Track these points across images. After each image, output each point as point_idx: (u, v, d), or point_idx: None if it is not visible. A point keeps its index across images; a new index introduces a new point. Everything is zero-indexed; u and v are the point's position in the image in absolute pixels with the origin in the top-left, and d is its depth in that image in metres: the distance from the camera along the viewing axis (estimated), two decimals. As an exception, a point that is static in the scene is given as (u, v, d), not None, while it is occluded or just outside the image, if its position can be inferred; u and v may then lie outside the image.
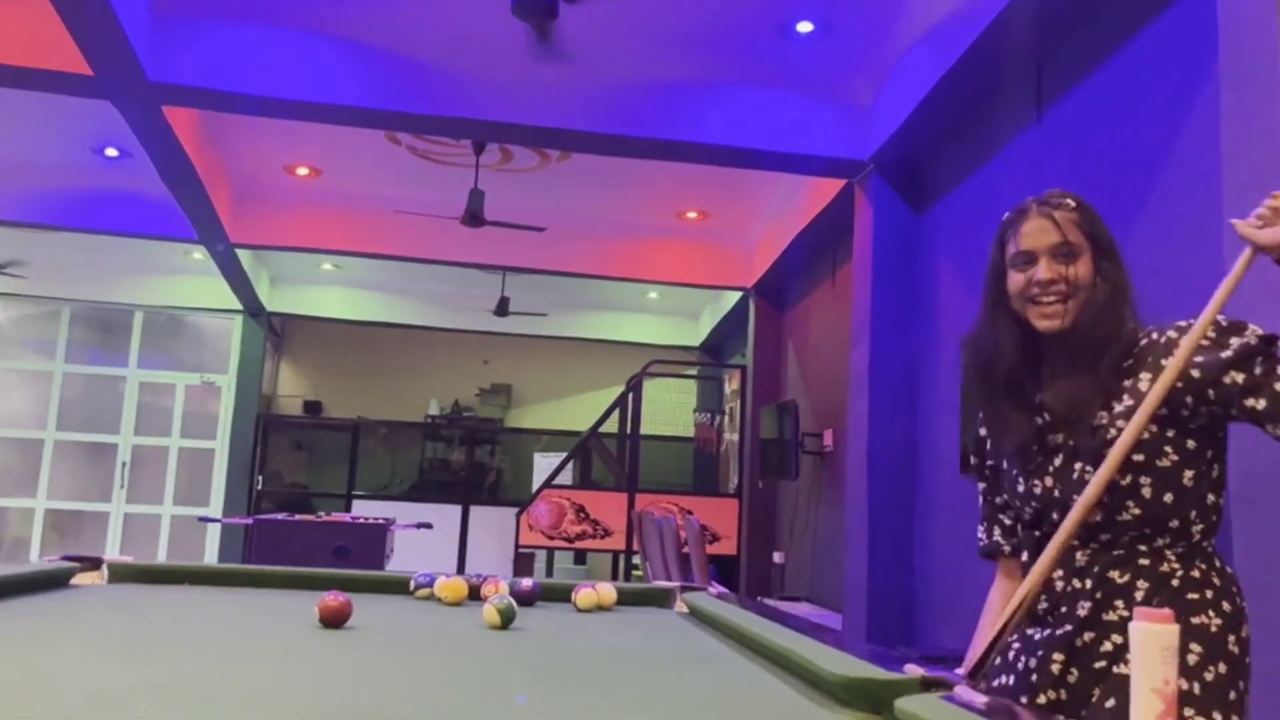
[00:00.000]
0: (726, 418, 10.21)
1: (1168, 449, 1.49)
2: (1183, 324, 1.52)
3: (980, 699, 0.96)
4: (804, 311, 8.12)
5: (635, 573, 8.65)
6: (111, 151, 7.18)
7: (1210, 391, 1.44)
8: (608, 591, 1.98)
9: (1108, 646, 1.46)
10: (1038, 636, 1.54)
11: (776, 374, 8.74)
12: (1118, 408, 1.52)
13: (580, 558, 10.95)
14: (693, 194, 7.82)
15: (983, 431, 1.73)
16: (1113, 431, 1.48)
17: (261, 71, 5.21)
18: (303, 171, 7.70)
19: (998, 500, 1.72)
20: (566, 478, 9.31)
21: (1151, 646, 0.73)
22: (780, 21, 5.03)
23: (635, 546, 8.25)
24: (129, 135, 5.93)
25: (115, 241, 8.73)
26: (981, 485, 1.75)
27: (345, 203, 8.34)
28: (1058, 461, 1.57)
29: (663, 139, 5.58)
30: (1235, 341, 1.45)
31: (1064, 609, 1.51)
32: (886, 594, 5.33)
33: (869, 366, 5.54)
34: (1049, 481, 1.57)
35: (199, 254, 9.07)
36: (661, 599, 2.08)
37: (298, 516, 6.25)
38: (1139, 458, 1.48)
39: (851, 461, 5.73)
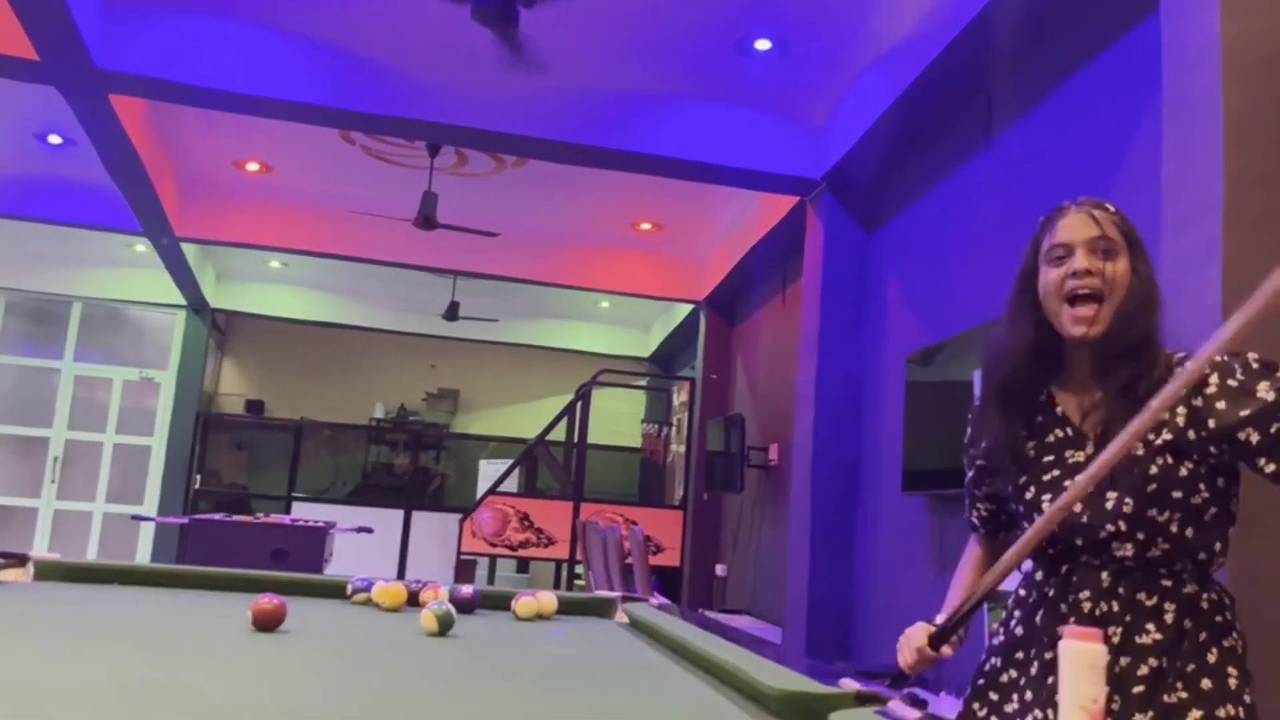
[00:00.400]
0: (674, 429, 10.24)
1: (1201, 486, 1.46)
2: (1217, 357, 1.44)
3: (913, 714, 0.96)
4: (754, 326, 8.17)
5: (578, 582, 8.62)
6: (55, 139, 7.02)
7: (1225, 445, 1.43)
8: (548, 600, 1.97)
9: (1144, 670, 1.42)
10: None
11: (725, 387, 8.78)
12: (1155, 439, 1.46)
13: (523, 566, 10.88)
14: (647, 205, 7.84)
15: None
16: (1154, 468, 1.44)
17: (213, 64, 5.13)
18: (253, 167, 7.59)
19: (978, 491, 1.71)
20: (512, 485, 9.26)
21: (1080, 664, 0.74)
22: (738, 38, 5.07)
23: (579, 556, 8.22)
24: (73, 123, 5.81)
25: (55, 230, 8.52)
26: (969, 473, 1.72)
27: (295, 200, 8.24)
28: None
29: (619, 149, 5.59)
30: (1261, 390, 1.41)
31: None
32: (826, 609, 5.37)
33: (815, 383, 5.59)
34: (1077, 507, 1.49)
35: (142, 246, 8.89)
36: (603, 609, 2.07)
37: (235, 517, 6.14)
38: (1177, 495, 1.45)
39: (796, 476, 5.77)
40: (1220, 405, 1.43)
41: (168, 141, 6.97)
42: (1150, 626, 1.44)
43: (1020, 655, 1.57)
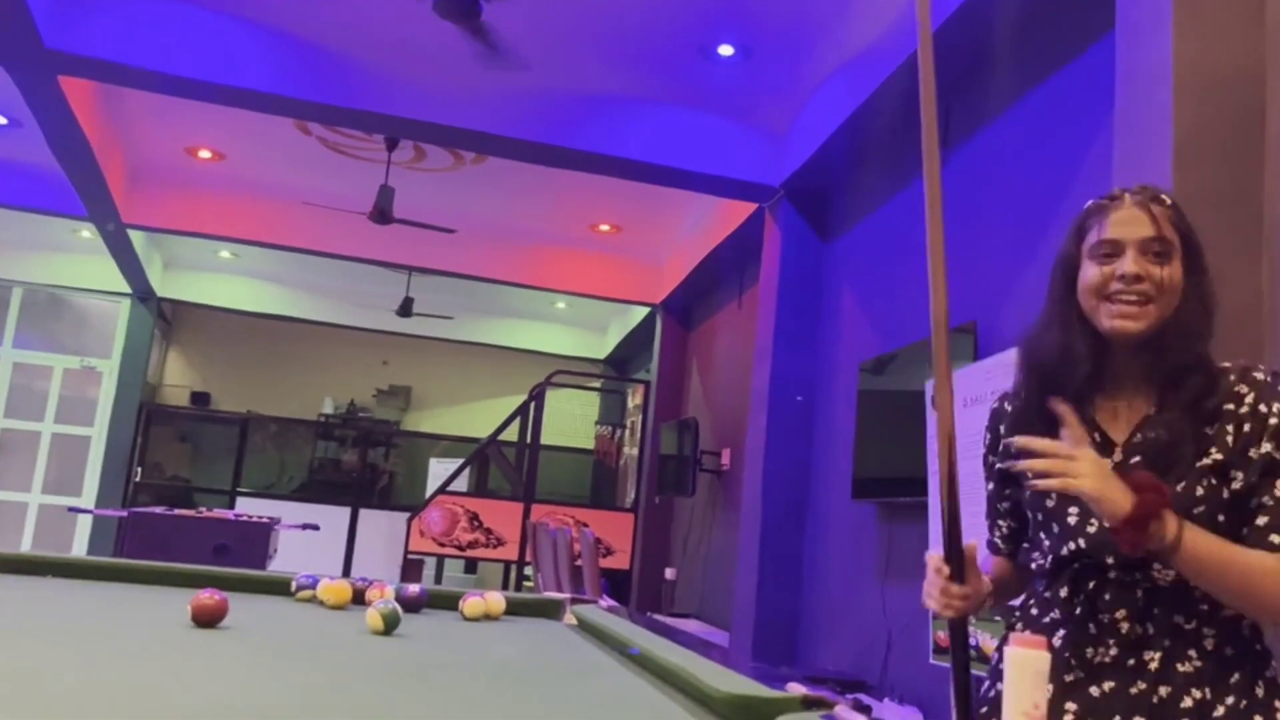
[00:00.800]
0: (627, 432, 10.23)
1: (1228, 500, 1.34)
2: (1260, 375, 1.37)
3: (858, 718, 0.97)
4: (710, 331, 8.20)
5: (527, 583, 8.58)
6: (-1, 119, 6.85)
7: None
8: (496, 601, 1.96)
9: (1188, 703, 1.31)
10: (1101, 694, 1.35)
11: (679, 391, 8.80)
12: (1205, 460, 1.34)
13: (471, 566, 10.81)
14: (606, 207, 7.84)
15: (1002, 429, 1.56)
16: (1200, 489, 1.33)
17: (167, 47, 5.05)
18: (205, 154, 7.46)
19: (1001, 505, 1.59)
20: (462, 484, 9.20)
21: (1025, 672, 0.75)
22: (701, 43, 5.09)
23: (528, 557, 8.18)
24: (20, 103, 5.67)
25: (-3, 213, 8.32)
26: (989, 485, 1.60)
27: (248, 189, 8.11)
28: None
29: (579, 149, 5.59)
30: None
31: (1132, 661, 1.34)
32: (773, 614, 5.40)
33: (769, 389, 5.62)
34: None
35: (87, 232, 8.71)
36: (551, 610, 2.06)
37: (176, 511, 6.02)
38: (1222, 518, 1.34)
39: (747, 482, 5.80)
40: (1245, 445, 1.34)
41: (117, 125, 6.83)
42: (1192, 653, 1.33)
43: None
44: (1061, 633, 1.40)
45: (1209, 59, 2.54)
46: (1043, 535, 1.46)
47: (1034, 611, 1.47)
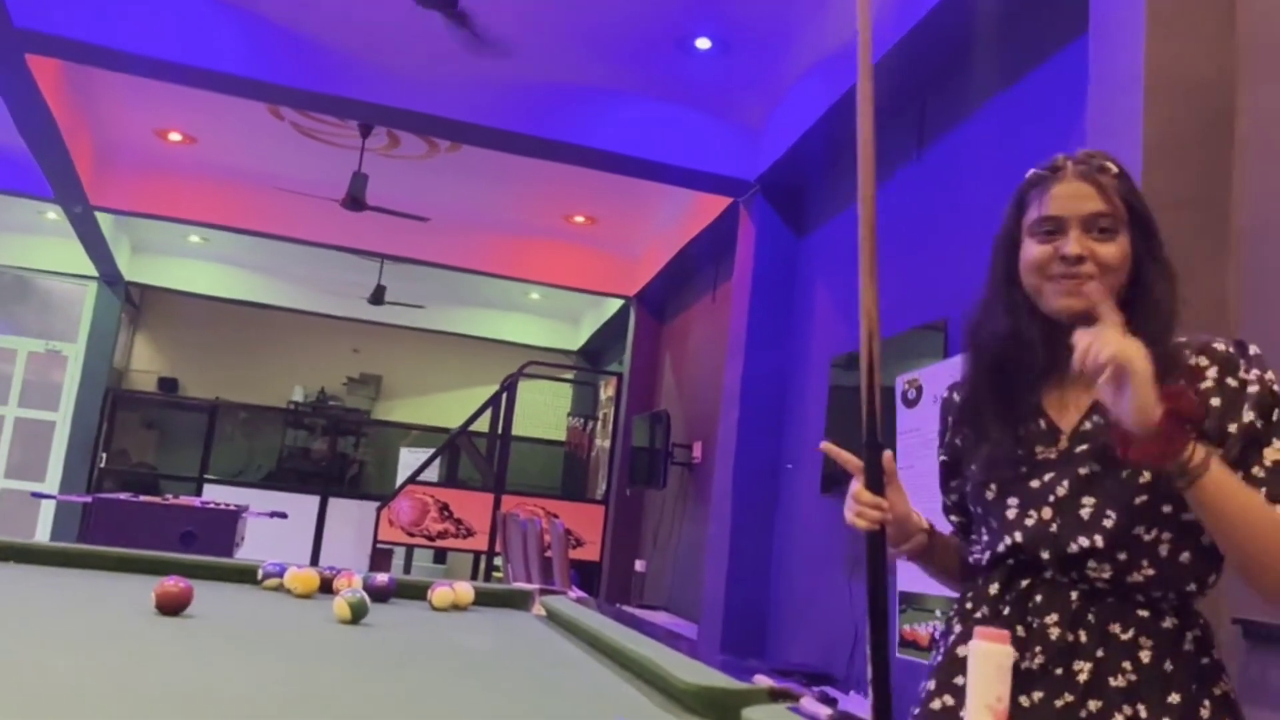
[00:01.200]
0: (599, 424, 10.23)
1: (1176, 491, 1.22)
2: (1221, 347, 1.28)
3: (824, 711, 0.98)
4: (683, 324, 8.21)
5: (496, 574, 8.57)
6: (-36, 96, 6.72)
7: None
8: (465, 591, 1.95)
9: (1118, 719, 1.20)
10: (1029, 704, 1.23)
11: (652, 384, 8.81)
12: None
13: (440, 557, 10.78)
14: (582, 198, 7.82)
15: (951, 420, 1.49)
16: (1145, 476, 1.22)
17: (137, 28, 4.98)
18: (175, 137, 7.37)
19: (949, 499, 1.51)
20: (432, 474, 9.16)
21: (988, 665, 0.76)
22: (679, 36, 5.09)
23: (498, 548, 8.17)
24: (-15, 81, 5.57)
25: (-40, 193, 8.17)
26: (940, 475, 1.52)
27: (219, 174, 8.02)
28: (1061, 491, 1.28)
29: (554, 139, 5.57)
30: (1271, 450, 1.23)
31: (1060, 670, 1.23)
32: (742, 607, 5.42)
33: (741, 383, 5.64)
34: (1047, 514, 1.28)
35: (54, 214, 8.57)
36: (519, 601, 2.06)
37: (142, 498, 5.96)
38: (1167, 509, 1.22)
39: (718, 475, 5.82)
40: (1220, 419, 1.23)
41: (86, 105, 6.73)
42: (1127, 665, 1.21)
43: (960, 680, 1.30)
44: None
45: (1180, 64, 2.57)
46: (982, 530, 1.37)
47: (968, 606, 1.36)
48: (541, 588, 2.14)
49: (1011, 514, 1.31)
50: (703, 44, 5.13)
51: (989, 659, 0.76)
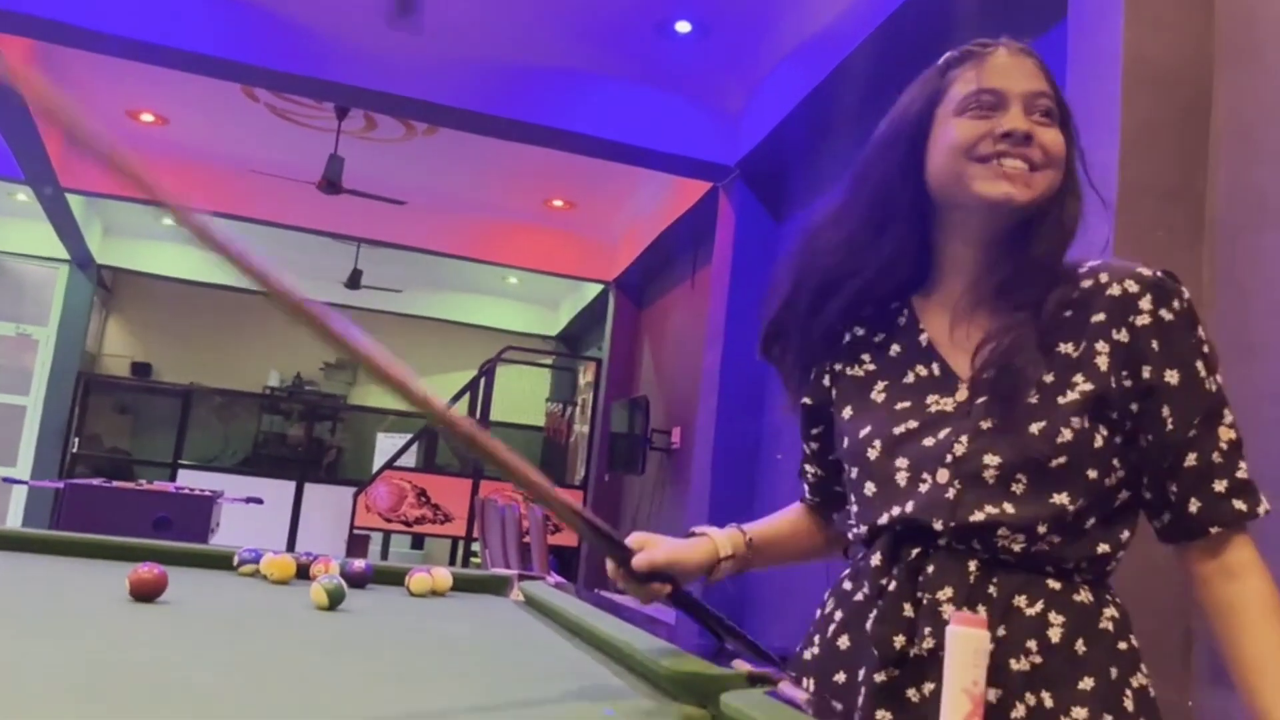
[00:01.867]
0: (578, 409, 10.23)
1: (1116, 462, 1.06)
2: (1148, 272, 1.09)
3: (801, 694, 0.98)
4: (662, 310, 8.21)
5: (474, 560, 8.57)
6: (-70, 75, 6.61)
7: (1147, 406, 1.06)
8: (442, 576, 1.95)
9: (1020, 711, 1.01)
10: (920, 698, 1.04)
11: (631, 369, 8.81)
12: (1067, 392, 1.05)
13: (418, 542, 10.77)
14: (560, 182, 7.80)
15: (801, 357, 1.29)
16: (1067, 434, 1.03)
17: (105, 5, 4.90)
18: (147, 118, 7.29)
19: (809, 446, 1.34)
20: (409, 460, 9.14)
21: (965, 649, 0.77)
22: (659, 19, 5.07)
23: (476, 534, 8.17)
24: (-49, 59, 5.47)
25: (-73, 174, 8.04)
26: (803, 419, 1.33)
27: (192, 155, 7.94)
28: (960, 450, 1.07)
29: (532, 122, 5.55)
30: (1206, 380, 1.07)
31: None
32: (720, 591, 5.44)
33: (720, 369, 5.66)
34: (943, 477, 1.06)
35: (24, 195, 8.46)
36: (498, 586, 2.06)
37: (115, 483, 5.91)
38: (1092, 474, 1.04)
39: (697, 460, 5.84)
40: (1157, 360, 1.05)
41: (55, 85, 6.61)
42: (1031, 645, 1.03)
43: (842, 677, 1.14)
44: (874, 615, 1.08)
45: (1158, 51, 2.59)
46: (860, 493, 1.15)
47: (847, 586, 1.19)
48: (520, 573, 2.14)
49: (902, 479, 1.09)
50: (682, 27, 5.12)
51: (966, 643, 0.77)
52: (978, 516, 1.04)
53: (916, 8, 3.89)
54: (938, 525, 1.05)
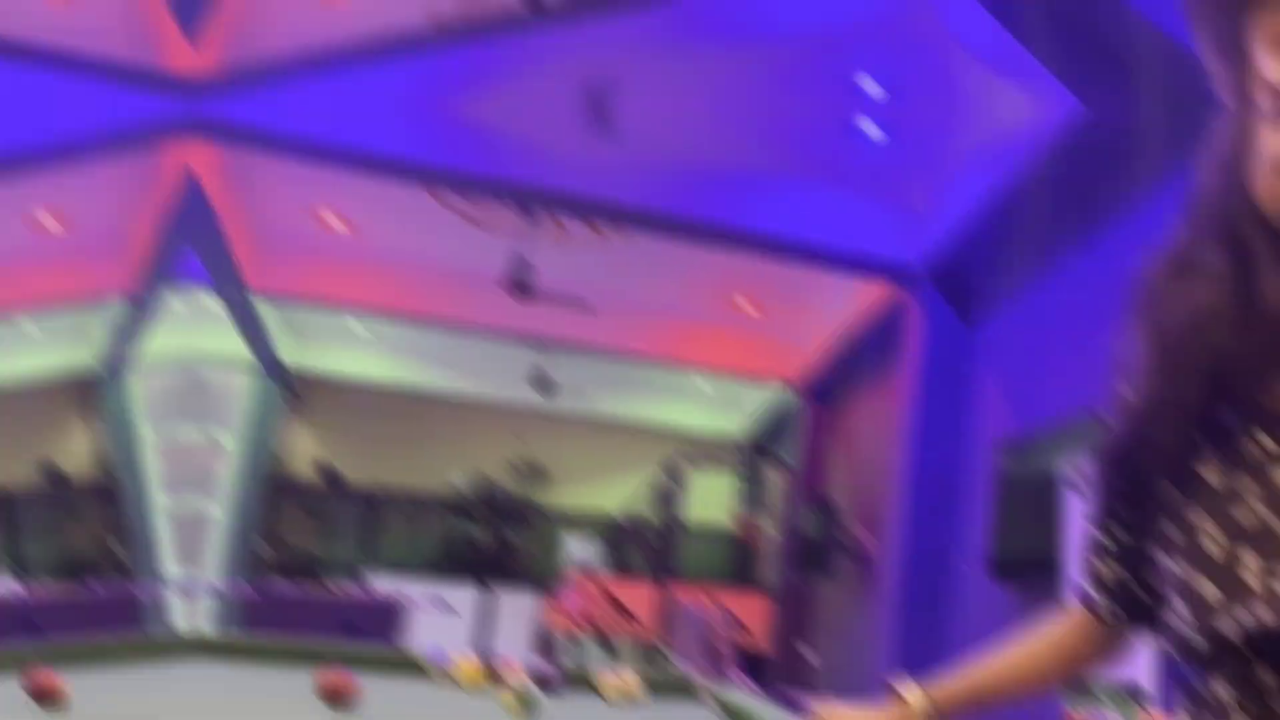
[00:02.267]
0: (768, 512, 10.12)
1: None
2: None
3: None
4: (851, 413, 8.18)
5: (665, 664, 8.52)
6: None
7: None
8: (633, 682, 1.96)
9: None
10: None
11: (819, 473, 8.73)
12: None
13: (607, 645, 10.76)
14: (746, 283, 7.88)
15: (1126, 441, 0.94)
16: None
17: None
18: (335, 222, 7.71)
19: (1113, 541, 1.00)
20: (596, 561, 9.23)
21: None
22: (843, 119, 5.16)
23: (666, 637, 8.13)
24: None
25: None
26: (1098, 510, 1.02)
27: (379, 258, 8.32)
28: None
29: (716, 225, 5.73)
30: None
31: None
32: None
33: (910, 473, 5.73)
34: None
35: (211, 301, 9.01)
36: (690, 692, 2.05)
37: (303, 587, 6.22)
38: None
39: (888, 566, 5.91)
40: None
41: (244, 191, 7.09)
42: None
43: None
44: None
45: None
46: (1182, 603, 0.86)
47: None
48: (711, 678, 2.12)
49: (1250, 578, 0.82)
50: (868, 127, 5.19)
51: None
52: None
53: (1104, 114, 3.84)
54: None
